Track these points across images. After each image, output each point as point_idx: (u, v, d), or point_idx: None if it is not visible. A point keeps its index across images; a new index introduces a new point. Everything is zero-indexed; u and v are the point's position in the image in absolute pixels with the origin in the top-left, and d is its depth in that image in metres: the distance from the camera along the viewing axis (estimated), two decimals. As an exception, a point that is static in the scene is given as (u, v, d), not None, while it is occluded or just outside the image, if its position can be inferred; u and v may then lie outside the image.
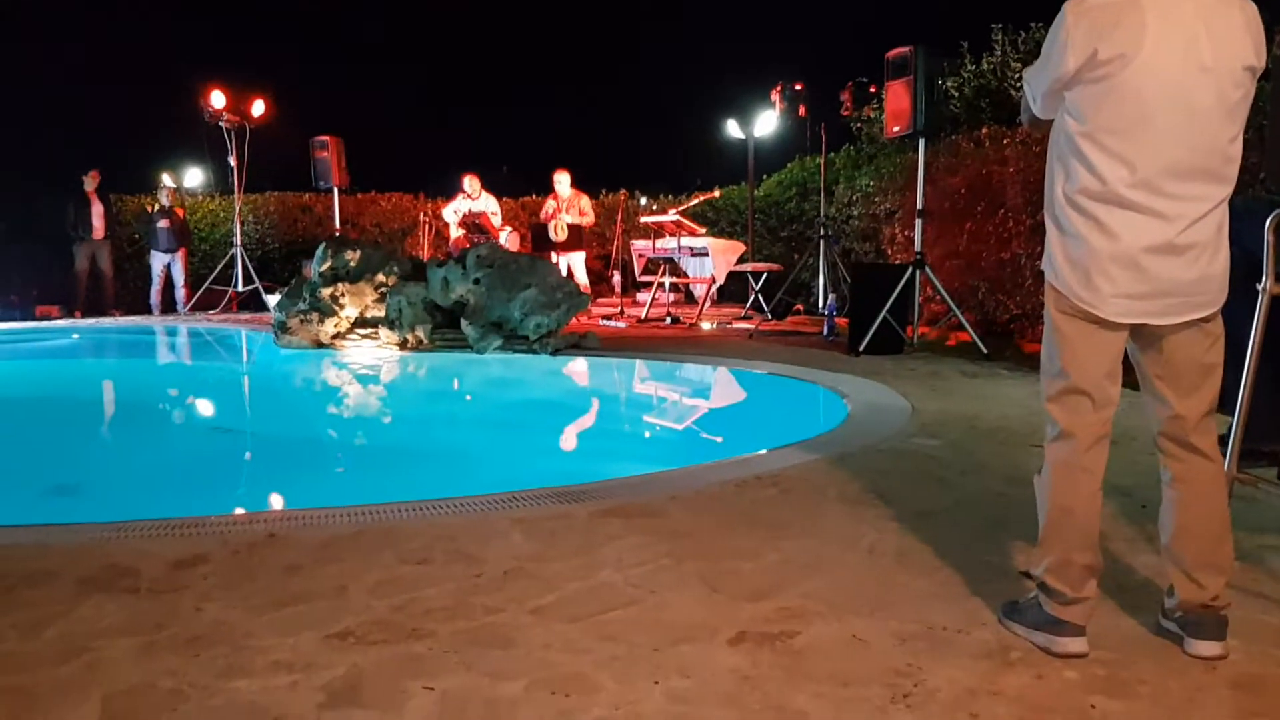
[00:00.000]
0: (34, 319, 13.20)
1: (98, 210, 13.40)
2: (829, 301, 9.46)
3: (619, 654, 2.31)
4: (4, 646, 2.39)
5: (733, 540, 3.17)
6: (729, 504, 3.60)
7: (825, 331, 9.13)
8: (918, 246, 8.26)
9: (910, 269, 8.03)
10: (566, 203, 12.74)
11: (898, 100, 8.16)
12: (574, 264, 12.56)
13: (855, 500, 3.62)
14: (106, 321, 12.81)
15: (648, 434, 6.10)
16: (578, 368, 8.16)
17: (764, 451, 4.51)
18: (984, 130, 9.63)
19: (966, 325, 7.88)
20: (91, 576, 2.86)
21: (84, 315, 13.25)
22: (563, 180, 12.76)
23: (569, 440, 5.95)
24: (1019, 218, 8.48)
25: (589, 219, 12.84)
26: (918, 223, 8.33)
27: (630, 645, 2.36)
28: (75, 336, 11.77)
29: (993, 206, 8.90)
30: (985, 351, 7.48)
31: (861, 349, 7.67)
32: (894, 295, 7.76)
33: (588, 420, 6.75)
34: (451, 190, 16.62)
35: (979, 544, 3.11)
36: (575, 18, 25.54)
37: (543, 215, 13.01)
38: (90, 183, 13.38)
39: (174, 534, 3.29)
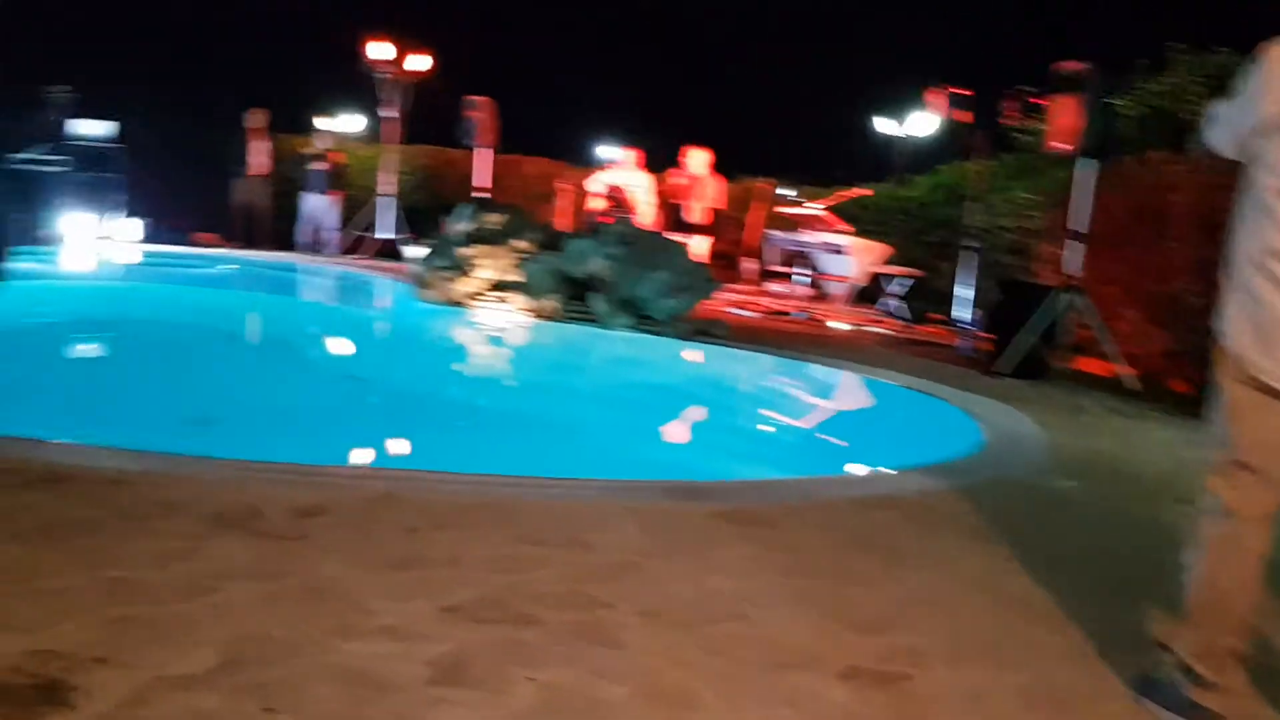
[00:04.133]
0: (192, 245, 13.78)
1: (258, 148, 13.88)
2: (971, 316, 9.15)
3: (725, 672, 2.26)
4: (135, 575, 2.47)
5: (849, 563, 3.08)
6: (847, 523, 3.50)
7: (964, 346, 8.84)
8: (1072, 268, 7.91)
9: (1061, 291, 7.70)
10: (701, 183, 12.60)
11: (1065, 115, 7.82)
12: (702, 247, 12.41)
13: (983, 536, 3.48)
14: (257, 255, 13.27)
15: (766, 433, 6.02)
16: (702, 355, 8.09)
17: (887, 470, 4.38)
18: (1153, 153, 9.16)
19: (1116, 357, 7.52)
20: (220, 514, 2.94)
21: (237, 246, 13.76)
22: (699, 160, 12.59)
23: (686, 429, 5.91)
24: (1184, 250, 8.04)
25: (718, 203, 12.66)
26: (1075, 244, 7.98)
27: (737, 664, 2.31)
28: (226, 267, 12.24)
29: (1156, 235, 8.45)
30: (1134, 388, 7.13)
31: (1000, 370, 7.40)
32: (1041, 317, 7.45)
33: (707, 411, 6.69)
34: (596, 159, 16.74)
35: (1113, 601, 2.94)
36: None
37: (675, 194, 12.89)
38: (254, 121, 13.87)
39: (300, 479, 3.37)
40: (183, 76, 19.01)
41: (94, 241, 12.23)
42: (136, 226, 12.97)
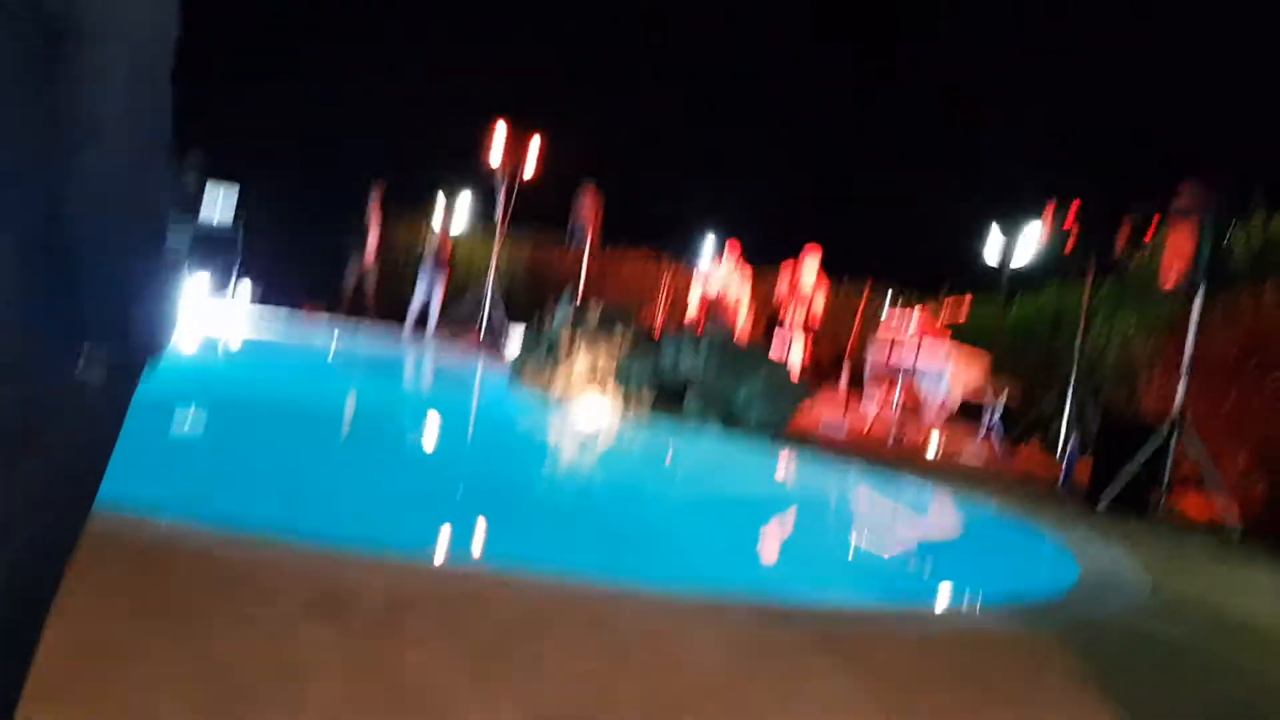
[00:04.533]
0: (301, 310, 14.19)
1: (374, 229, 14.39)
2: (1071, 444, 8.93)
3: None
4: (227, 659, 2.51)
5: (944, 702, 2.98)
6: (941, 657, 3.41)
7: (1063, 477, 8.60)
8: (1179, 403, 7.70)
9: (1168, 426, 7.48)
10: (806, 287, 12.63)
11: (1180, 244, 7.69)
12: (798, 350, 12.36)
13: (1082, 682, 3.34)
14: (362, 331, 13.64)
15: (853, 550, 5.91)
16: (791, 466, 8.03)
17: (982, 605, 4.26)
18: (1269, 286, 8.93)
19: (1224, 497, 7.24)
20: (313, 600, 2.98)
21: (344, 320, 14.17)
22: (809, 263, 12.60)
23: (773, 543, 5.84)
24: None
25: (822, 309, 12.65)
26: (1183, 379, 7.77)
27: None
28: (333, 341, 12.58)
29: (1269, 371, 8.20)
30: (1242, 529, 6.85)
31: (1101, 504, 7.18)
32: (1146, 451, 7.24)
33: (794, 524, 6.61)
34: (697, 256, 16.91)
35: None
36: (833, 100, 25.52)
37: (777, 297, 12.91)
38: (373, 203, 14.43)
39: (394, 570, 3.40)
40: (307, 150, 19.82)
41: (210, 304, 12.65)
42: (249, 289, 13.43)
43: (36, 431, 1.21)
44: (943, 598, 5.17)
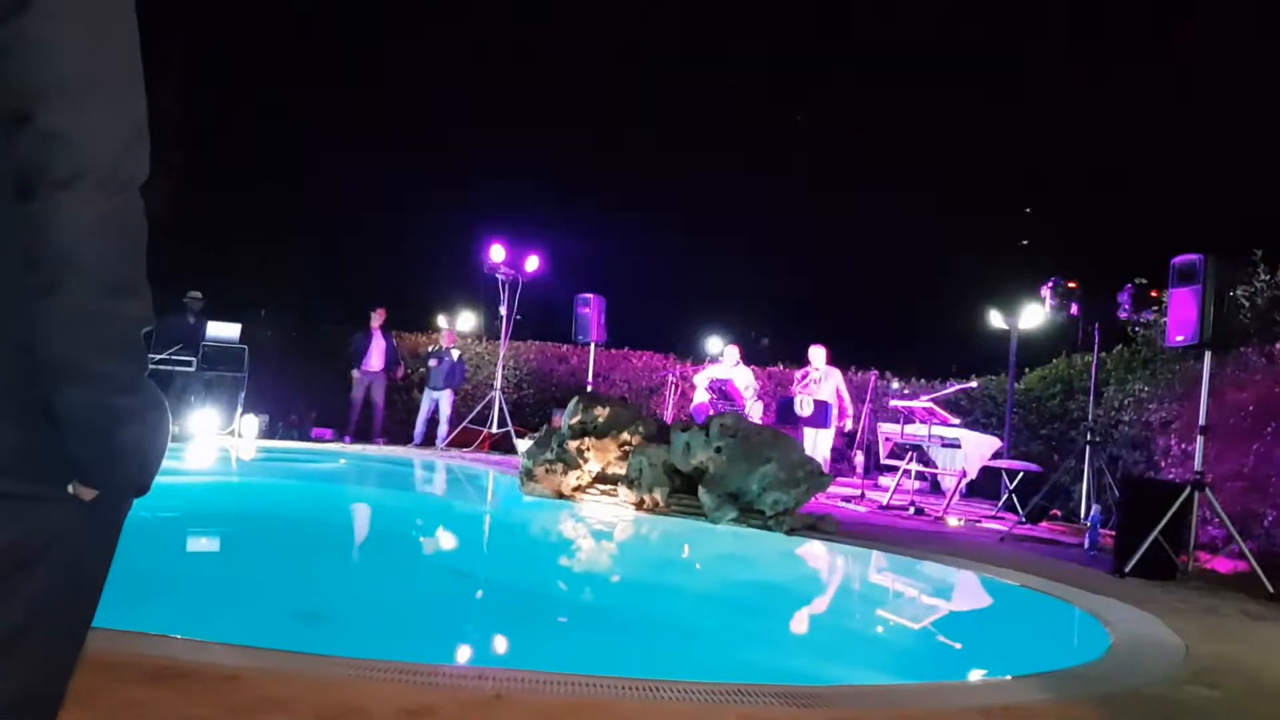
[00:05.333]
0: (309, 440, 14.27)
1: (378, 345, 14.49)
2: (1093, 512, 8.81)
3: None
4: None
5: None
6: (972, 734, 3.30)
7: (1086, 545, 8.47)
8: (1198, 465, 7.60)
9: (1188, 488, 7.38)
10: (820, 376, 12.68)
11: (1183, 309, 7.67)
12: (820, 441, 12.39)
13: (1118, 752, 3.24)
14: (371, 450, 13.65)
15: (879, 635, 5.79)
16: (812, 551, 7.92)
17: (1011, 678, 4.15)
18: (1278, 345, 8.90)
19: (1250, 557, 7.10)
20: (326, 715, 2.92)
21: (353, 441, 14.19)
22: (817, 355, 12.75)
23: (795, 630, 5.72)
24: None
25: (839, 396, 12.70)
26: (1199, 439, 7.69)
27: None
28: (342, 462, 12.60)
29: (1282, 429, 8.12)
30: (1271, 589, 6.70)
31: (1127, 570, 7.05)
32: (1168, 515, 7.13)
33: (816, 611, 6.49)
34: (702, 353, 17.00)
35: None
36: (827, 190, 25.92)
37: (794, 388, 12.98)
38: (376, 319, 14.55)
39: (407, 679, 3.34)
40: (303, 277, 20.18)
41: (217, 438, 12.78)
42: (256, 424, 13.52)
43: (29, 562, 1.22)
44: (971, 671, 5.05)
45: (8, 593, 1.20)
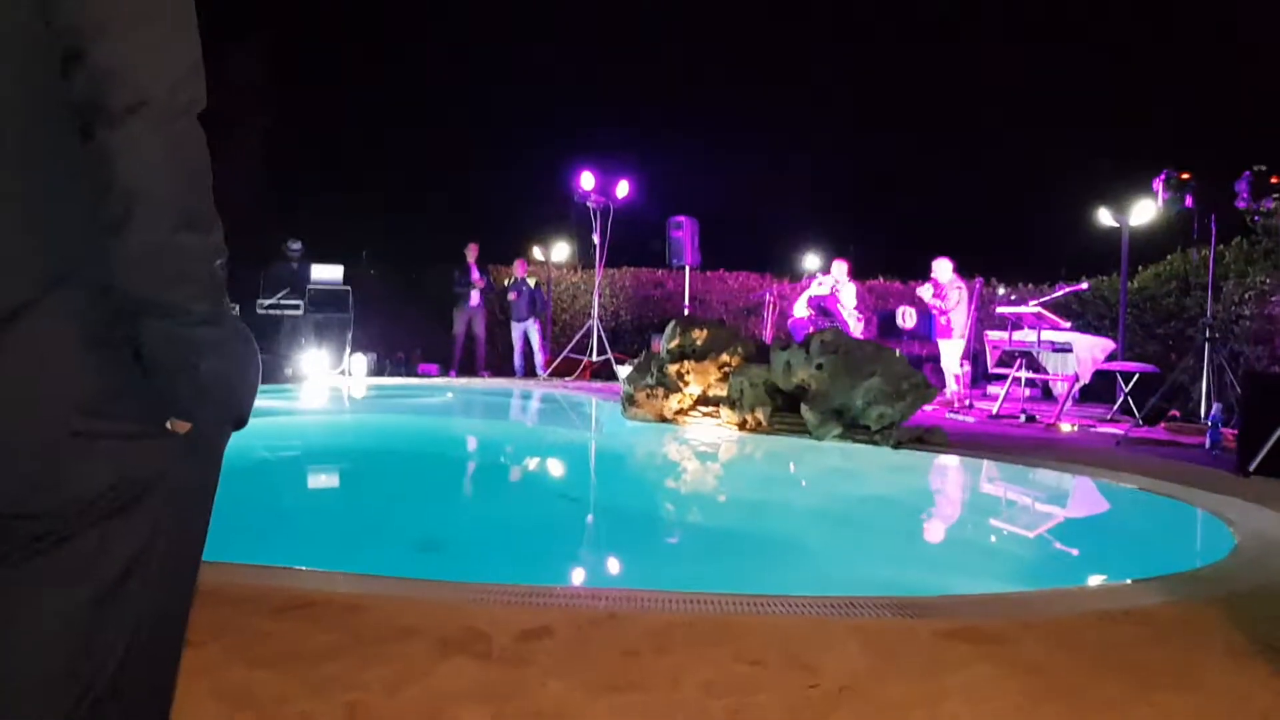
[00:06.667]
0: (416, 376, 14.61)
1: (476, 279, 14.67)
2: (1213, 410, 8.51)
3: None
4: (370, 699, 2.55)
5: (1095, 685, 2.84)
6: (1091, 640, 3.25)
7: (1207, 444, 8.19)
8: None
9: (1315, 381, 7.08)
10: (945, 290, 12.30)
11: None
12: (953, 354, 12.04)
13: (1246, 653, 3.15)
14: (475, 383, 13.91)
15: (993, 545, 5.71)
16: (920, 464, 7.82)
17: (1131, 582, 4.06)
18: None
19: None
20: (450, 638, 3.01)
21: (457, 375, 14.48)
22: (944, 267, 12.22)
23: (906, 543, 5.67)
24: None
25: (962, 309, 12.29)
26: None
27: (979, 797, 2.15)
28: (449, 396, 12.87)
29: None
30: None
31: (1252, 469, 6.81)
32: (1294, 410, 6.85)
33: (927, 523, 6.42)
34: (799, 270, 16.80)
35: None
36: (926, 98, 25.10)
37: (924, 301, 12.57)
38: (470, 254, 14.71)
39: (524, 602, 3.42)
40: (401, 214, 20.51)
41: (328, 377, 13.16)
42: (364, 362, 13.88)
43: (138, 497, 1.25)
44: (1090, 577, 4.96)
45: (121, 527, 1.24)
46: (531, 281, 14.93)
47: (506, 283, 15.32)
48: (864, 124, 26.06)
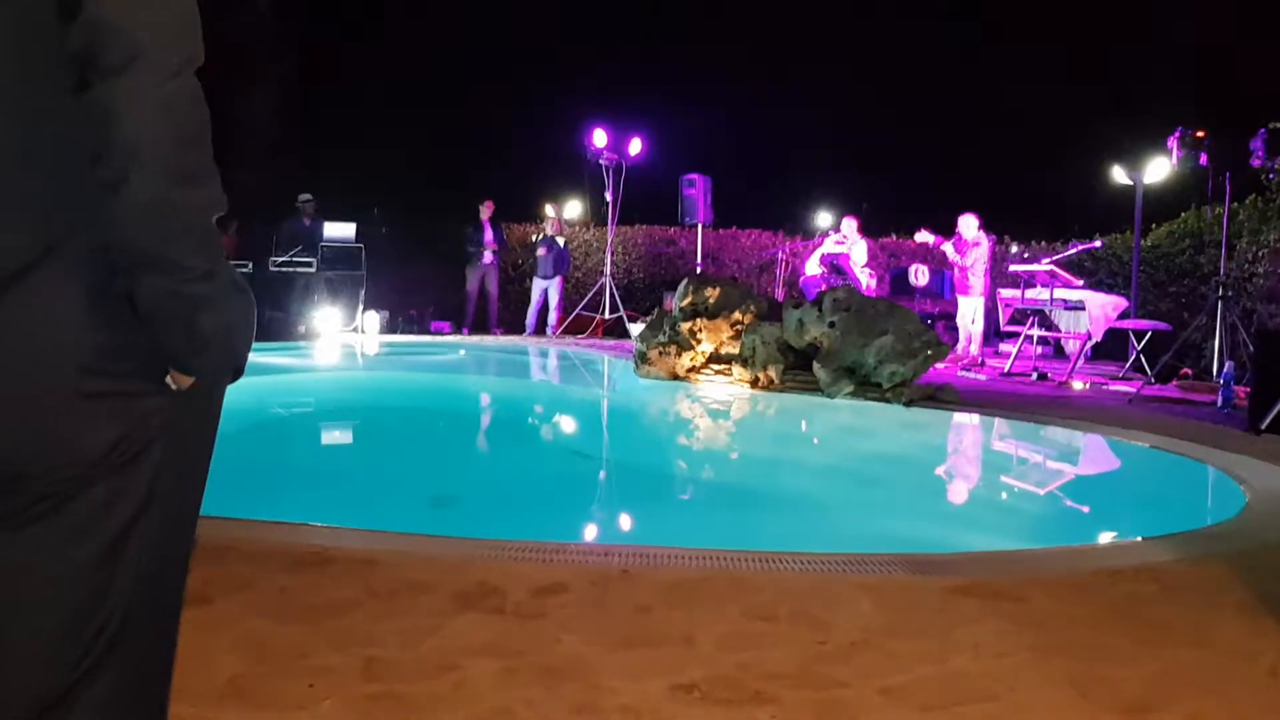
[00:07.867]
0: (428, 333, 14.65)
1: (489, 237, 14.66)
2: (1225, 369, 8.48)
3: (975, 757, 2.14)
4: (386, 653, 2.59)
5: (1104, 639, 2.87)
6: (1100, 596, 3.27)
7: (1219, 403, 8.17)
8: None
9: (1329, 339, 7.05)
10: (971, 248, 12.15)
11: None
12: (971, 311, 11.95)
13: (1254, 609, 3.17)
14: (488, 340, 13.94)
15: (1004, 502, 5.74)
16: (932, 422, 7.83)
17: (1142, 539, 4.08)
18: None
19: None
20: (465, 592, 3.05)
21: (470, 333, 14.51)
22: (969, 224, 12.06)
23: (917, 500, 5.70)
24: None
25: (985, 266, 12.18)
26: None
27: (988, 749, 2.18)
28: (461, 353, 12.91)
29: None
30: None
31: (1263, 427, 6.80)
32: (1308, 368, 6.83)
33: (939, 481, 6.45)
34: (812, 228, 16.72)
35: None
36: (941, 60, 24.84)
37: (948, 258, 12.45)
38: (485, 211, 14.69)
39: (538, 558, 3.46)
40: (414, 171, 20.44)
41: (342, 334, 13.20)
42: (377, 319, 13.91)
43: (140, 454, 1.26)
44: (1101, 534, 4.99)
45: (122, 485, 1.24)
46: (561, 241, 14.90)
47: (535, 237, 15.29)
48: (877, 81, 25.79)
